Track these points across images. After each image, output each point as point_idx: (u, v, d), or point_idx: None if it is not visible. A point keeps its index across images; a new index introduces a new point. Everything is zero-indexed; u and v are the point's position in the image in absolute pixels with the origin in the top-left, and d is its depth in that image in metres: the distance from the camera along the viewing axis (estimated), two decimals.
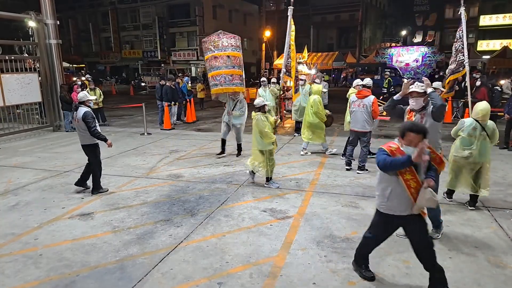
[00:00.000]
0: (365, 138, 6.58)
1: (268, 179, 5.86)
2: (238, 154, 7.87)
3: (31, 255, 3.83)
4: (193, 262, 3.64)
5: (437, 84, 6.19)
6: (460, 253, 3.76)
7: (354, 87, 7.35)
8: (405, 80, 4.50)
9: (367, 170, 6.55)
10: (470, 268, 3.48)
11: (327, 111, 7.94)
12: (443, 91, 6.35)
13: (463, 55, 6.66)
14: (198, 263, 3.63)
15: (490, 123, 4.71)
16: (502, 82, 12.75)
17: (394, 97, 4.11)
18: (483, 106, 4.67)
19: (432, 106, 3.85)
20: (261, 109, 5.74)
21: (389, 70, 21.68)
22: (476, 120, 4.65)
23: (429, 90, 3.87)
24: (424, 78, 4.03)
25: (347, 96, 7.73)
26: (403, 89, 4.02)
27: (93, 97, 6.01)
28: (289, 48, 8.23)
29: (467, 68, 6.92)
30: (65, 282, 3.35)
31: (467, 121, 4.76)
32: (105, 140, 5.51)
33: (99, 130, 5.51)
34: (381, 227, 3.23)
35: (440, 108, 3.81)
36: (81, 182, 5.78)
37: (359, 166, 6.58)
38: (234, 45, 7.31)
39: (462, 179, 4.86)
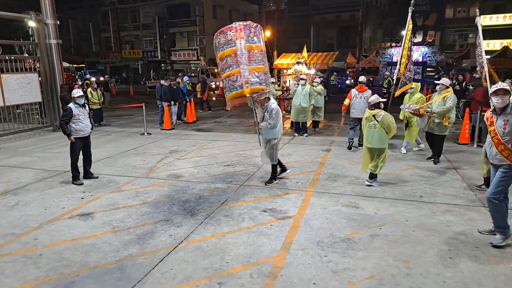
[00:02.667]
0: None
1: (374, 176, 5.86)
2: (271, 180, 6.06)
3: (30, 255, 3.82)
4: (193, 262, 3.63)
5: None
6: (461, 253, 3.76)
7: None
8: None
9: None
10: (470, 268, 3.48)
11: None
12: None
13: (482, 57, 7.04)
14: (198, 263, 3.62)
15: None
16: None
17: None
18: None
19: None
20: (377, 105, 5.71)
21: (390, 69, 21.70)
22: None
23: None
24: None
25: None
26: None
27: (79, 94, 6.14)
28: (403, 47, 8.47)
29: (485, 69, 7.20)
30: (64, 282, 3.35)
31: None
32: (67, 135, 6.00)
33: (65, 126, 5.94)
34: None
35: None
36: (86, 174, 6.36)
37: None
38: (253, 35, 5.58)
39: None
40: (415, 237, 4.11)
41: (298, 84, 10.00)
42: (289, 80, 13.65)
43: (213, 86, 26.25)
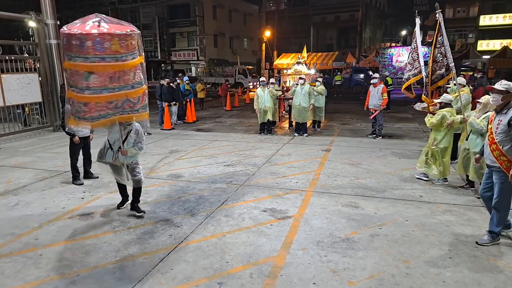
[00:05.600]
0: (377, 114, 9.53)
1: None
2: (136, 208, 4.91)
3: (31, 255, 3.83)
4: (193, 262, 3.64)
5: None
6: (460, 253, 3.76)
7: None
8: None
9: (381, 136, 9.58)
10: (470, 268, 3.49)
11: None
12: None
13: (447, 58, 6.80)
14: (198, 263, 3.63)
15: None
16: None
17: None
18: None
19: None
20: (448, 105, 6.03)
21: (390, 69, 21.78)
22: None
23: None
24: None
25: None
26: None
27: None
28: (417, 53, 8.69)
29: (453, 71, 6.98)
30: (65, 282, 3.35)
31: None
32: (72, 136, 6.04)
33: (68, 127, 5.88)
34: None
35: None
36: (86, 174, 6.37)
37: (379, 130, 9.71)
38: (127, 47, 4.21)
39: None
40: (415, 237, 4.12)
41: (297, 84, 10.01)
42: (289, 80, 13.66)
43: (251, 87, 27.54)
